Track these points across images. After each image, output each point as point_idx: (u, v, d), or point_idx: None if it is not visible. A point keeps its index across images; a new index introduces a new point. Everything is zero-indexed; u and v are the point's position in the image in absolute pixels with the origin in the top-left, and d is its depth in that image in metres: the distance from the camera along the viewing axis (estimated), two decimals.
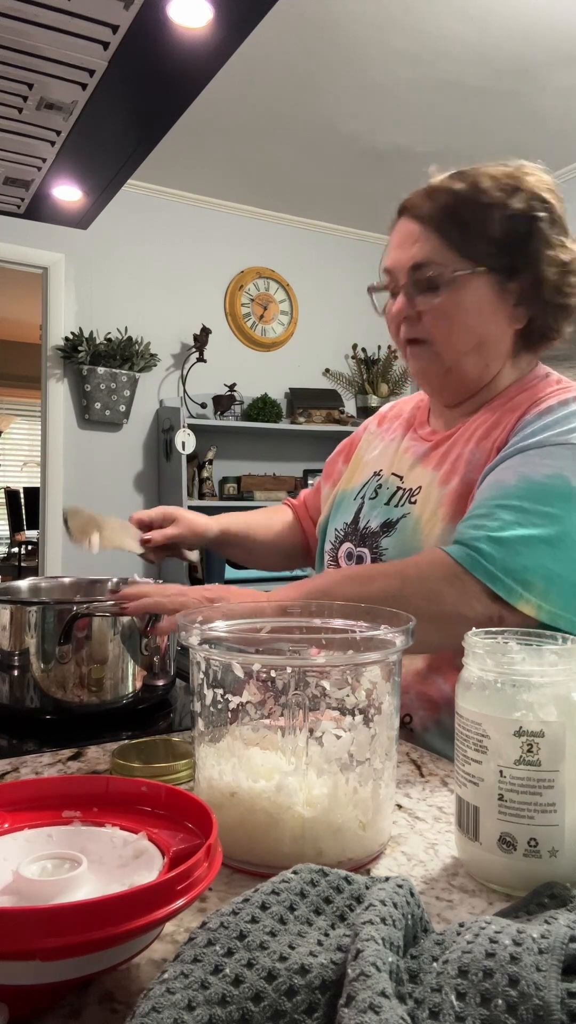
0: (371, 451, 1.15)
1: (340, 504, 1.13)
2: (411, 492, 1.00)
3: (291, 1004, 0.33)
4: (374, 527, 1.02)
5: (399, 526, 0.98)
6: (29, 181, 1.69)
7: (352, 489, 1.12)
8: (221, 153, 3.70)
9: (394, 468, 1.06)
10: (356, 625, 0.70)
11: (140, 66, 1.27)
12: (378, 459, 1.12)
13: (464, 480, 0.92)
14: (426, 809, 0.66)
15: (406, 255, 0.95)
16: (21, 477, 7.57)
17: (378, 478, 1.08)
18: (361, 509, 1.07)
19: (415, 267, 0.94)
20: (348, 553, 1.06)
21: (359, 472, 1.15)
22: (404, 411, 1.16)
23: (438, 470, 0.97)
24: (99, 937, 0.35)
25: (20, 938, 0.34)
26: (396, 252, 0.97)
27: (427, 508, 0.95)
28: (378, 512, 1.03)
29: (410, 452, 1.05)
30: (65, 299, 3.83)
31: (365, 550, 1.02)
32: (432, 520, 0.93)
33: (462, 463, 0.94)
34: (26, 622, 0.91)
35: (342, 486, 1.16)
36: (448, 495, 0.93)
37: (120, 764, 0.69)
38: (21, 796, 0.52)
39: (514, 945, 0.35)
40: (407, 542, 0.95)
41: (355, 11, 2.68)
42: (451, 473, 0.95)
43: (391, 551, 0.97)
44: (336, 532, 1.10)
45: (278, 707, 0.55)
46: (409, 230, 0.95)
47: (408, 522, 0.97)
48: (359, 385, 4.64)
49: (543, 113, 3.27)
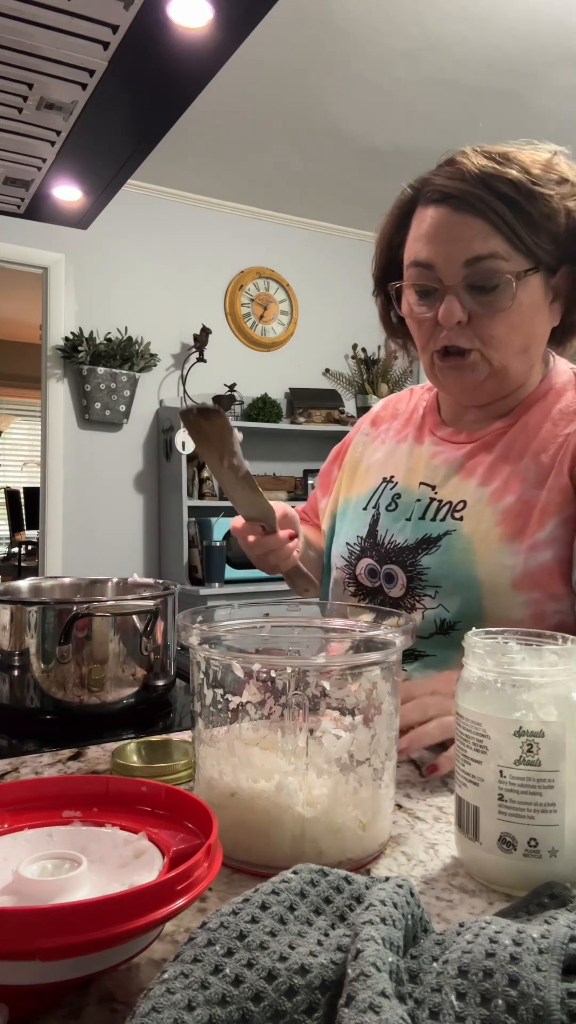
0: (372, 454, 1.07)
1: (345, 514, 1.05)
2: (452, 506, 0.92)
3: (291, 1004, 0.33)
4: (403, 542, 0.94)
5: (443, 544, 0.90)
6: (29, 181, 1.69)
7: (359, 498, 1.04)
8: (221, 153, 3.70)
9: (421, 477, 0.97)
10: (356, 625, 0.70)
11: (140, 66, 1.27)
12: (385, 464, 1.03)
13: (521, 499, 0.86)
14: (426, 809, 0.66)
15: (459, 249, 0.83)
16: (21, 477, 7.57)
17: (391, 486, 1.00)
18: (377, 521, 0.99)
19: (471, 262, 0.83)
20: (370, 570, 0.98)
21: (362, 478, 1.06)
22: (402, 410, 1.09)
23: (485, 486, 0.90)
24: (99, 937, 0.35)
25: (20, 938, 0.34)
26: (441, 245, 0.84)
27: (480, 526, 0.88)
28: (405, 526, 0.95)
29: (440, 459, 0.96)
30: (65, 299, 3.83)
31: (395, 567, 0.94)
32: (487, 539, 0.86)
33: (517, 481, 0.87)
34: (26, 622, 0.91)
35: (343, 494, 1.08)
36: (503, 513, 0.86)
37: (120, 764, 0.69)
38: (21, 796, 0.52)
39: (514, 945, 0.35)
40: (457, 562, 0.88)
41: (355, 11, 2.68)
42: (503, 491, 0.88)
43: (435, 570, 0.89)
44: (349, 547, 1.02)
45: (278, 707, 0.55)
46: (457, 220, 0.83)
47: (455, 540, 0.89)
48: (359, 385, 4.64)
49: (543, 113, 3.27)
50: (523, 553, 0.84)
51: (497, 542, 0.85)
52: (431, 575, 0.90)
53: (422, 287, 0.88)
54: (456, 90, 3.17)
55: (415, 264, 0.88)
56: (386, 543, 0.96)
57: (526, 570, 0.83)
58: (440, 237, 0.85)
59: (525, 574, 0.83)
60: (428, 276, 0.87)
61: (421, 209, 0.88)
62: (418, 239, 0.88)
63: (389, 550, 0.95)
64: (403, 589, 0.93)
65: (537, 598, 0.83)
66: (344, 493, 1.08)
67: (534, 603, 0.83)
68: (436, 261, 0.85)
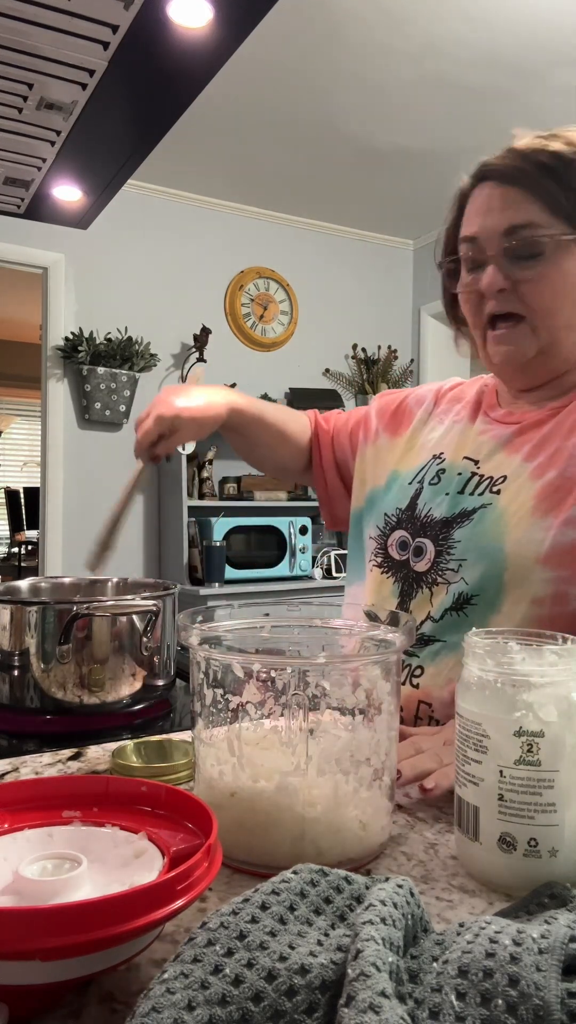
0: (430, 432, 1.06)
1: (391, 485, 1.04)
2: (492, 480, 0.90)
3: (291, 1004, 0.33)
4: (439, 515, 0.93)
5: (476, 516, 0.89)
6: (29, 181, 1.69)
7: (408, 472, 1.03)
8: (221, 153, 3.70)
9: (466, 451, 0.96)
10: (356, 625, 0.70)
11: (140, 66, 1.27)
12: (439, 442, 1.02)
13: (563, 474, 0.84)
14: (426, 809, 0.66)
15: (498, 219, 0.86)
16: (21, 477, 7.57)
17: (439, 462, 0.98)
18: (419, 495, 0.98)
19: (509, 231, 0.85)
20: (402, 542, 0.97)
21: (415, 453, 1.05)
22: (466, 394, 1.07)
23: (530, 461, 0.88)
24: (99, 937, 0.35)
25: (20, 938, 0.34)
26: (482, 218, 0.87)
27: (516, 500, 0.86)
28: (443, 500, 0.93)
29: (488, 435, 0.95)
30: (65, 299, 3.83)
31: (426, 540, 0.93)
32: (520, 512, 0.85)
33: (562, 457, 0.85)
34: (26, 622, 0.91)
35: (394, 464, 1.06)
36: (543, 488, 0.85)
37: (120, 764, 0.69)
38: (21, 796, 0.52)
39: (514, 945, 0.35)
40: (485, 534, 0.87)
41: (355, 11, 2.68)
42: (547, 466, 0.86)
43: (464, 543, 0.88)
44: (387, 517, 1.00)
45: (278, 707, 0.55)
46: (498, 193, 0.86)
47: (489, 513, 0.88)
48: (359, 385, 4.64)
49: (543, 113, 3.27)
50: (555, 528, 0.81)
51: (530, 515, 0.84)
52: (460, 548, 0.88)
53: (470, 260, 0.90)
54: (456, 90, 3.17)
55: (462, 240, 0.91)
56: (423, 516, 0.95)
57: (555, 545, 0.81)
58: (482, 210, 0.88)
59: (553, 549, 0.81)
60: (474, 249, 0.89)
61: (474, 191, 0.91)
62: (467, 217, 0.91)
63: (425, 523, 0.94)
64: (429, 563, 0.91)
65: (563, 576, 0.80)
66: (396, 465, 1.06)
67: (558, 582, 0.80)
68: (478, 233, 0.88)
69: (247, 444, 1.17)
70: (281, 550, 3.96)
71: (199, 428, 1.03)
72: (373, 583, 1.00)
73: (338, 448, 1.19)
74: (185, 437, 1.02)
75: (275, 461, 1.21)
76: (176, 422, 1.01)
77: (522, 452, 0.90)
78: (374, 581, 1.00)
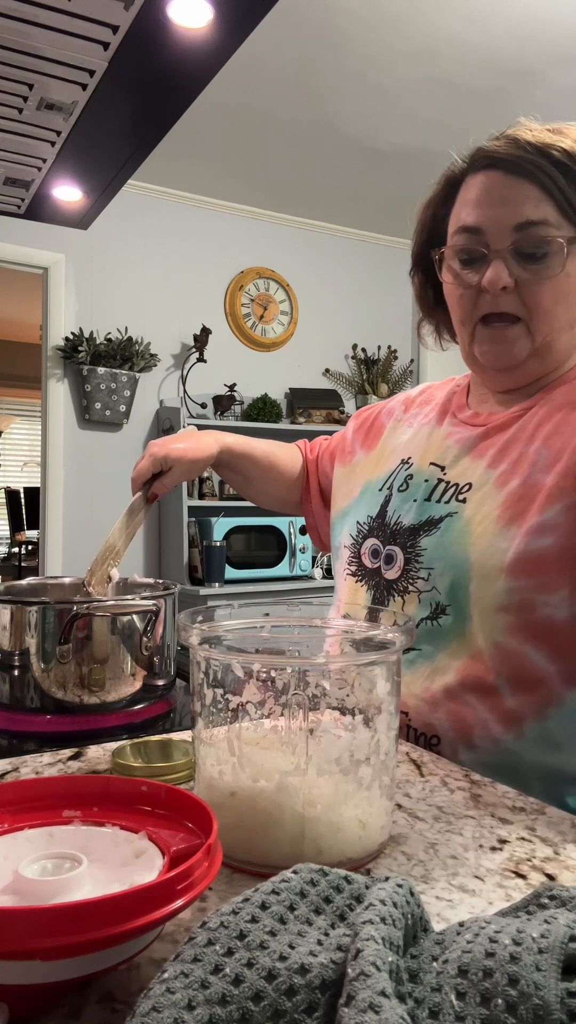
0: (398, 437, 1.06)
1: (364, 494, 1.05)
2: (458, 488, 0.89)
3: (291, 1004, 0.33)
4: (407, 523, 0.92)
5: (443, 525, 0.88)
6: (29, 181, 1.69)
7: (378, 479, 1.03)
8: (221, 153, 3.70)
9: (432, 457, 0.95)
10: (356, 625, 0.70)
11: (140, 66, 1.27)
12: (407, 446, 1.01)
13: (525, 482, 0.82)
14: (426, 809, 0.66)
15: (510, 212, 0.82)
16: (21, 477, 7.57)
17: (407, 467, 0.98)
18: (389, 502, 0.97)
19: (521, 227, 0.82)
20: (374, 550, 0.96)
21: (385, 460, 1.05)
22: (436, 396, 1.06)
23: (494, 468, 0.87)
24: (99, 937, 0.35)
25: (20, 938, 0.34)
26: (491, 209, 0.83)
27: (481, 509, 0.85)
28: (411, 507, 0.93)
29: (453, 439, 0.94)
30: (65, 299, 3.83)
31: (396, 548, 0.92)
32: (485, 522, 0.84)
33: (525, 463, 0.84)
34: (26, 622, 0.91)
35: (367, 475, 1.07)
36: (507, 497, 0.83)
37: (120, 764, 0.69)
38: (21, 796, 0.52)
39: (514, 945, 0.35)
40: (452, 544, 0.86)
41: (355, 11, 2.68)
42: (511, 473, 0.85)
43: (431, 551, 0.87)
44: (359, 525, 1.01)
45: (278, 707, 0.55)
46: (508, 183, 0.82)
47: (455, 522, 0.87)
48: (359, 385, 4.64)
49: (543, 113, 3.26)
50: (520, 537, 0.80)
51: (495, 524, 0.83)
52: (426, 557, 0.87)
53: (469, 252, 0.86)
54: (456, 90, 3.17)
55: (462, 230, 0.86)
56: (392, 524, 0.95)
57: (519, 554, 0.79)
58: (490, 200, 0.84)
59: (518, 558, 0.79)
60: (475, 241, 0.85)
61: (471, 177, 0.87)
62: (466, 204, 0.87)
63: (394, 531, 0.94)
64: (399, 571, 0.91)
65: (527, 585, 0.79)
66: (368, 475, 1.07)
67: (523, 590, 0.79)
68: (485, 225, 0.84)
69: (242, 480, 1.22)
70: (281, 550, 3.96)
71: (191, 465, 1.09)
72: (348, 591, 1.00)
73: (321, 474, 1.23)
74: (178, 474, 1.08)
75: (271, 494, 1.25)
76: (168, 460, 1.07)
77: (486, 458, 0.89)
78: (348, 589, 0.99)
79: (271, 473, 1.22)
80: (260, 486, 1.23)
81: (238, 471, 1.19)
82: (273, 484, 1.23)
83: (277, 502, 1.28)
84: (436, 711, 0.84)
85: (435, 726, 0.84)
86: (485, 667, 0.81)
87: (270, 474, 1.22)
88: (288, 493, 1.25)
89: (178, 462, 1.07)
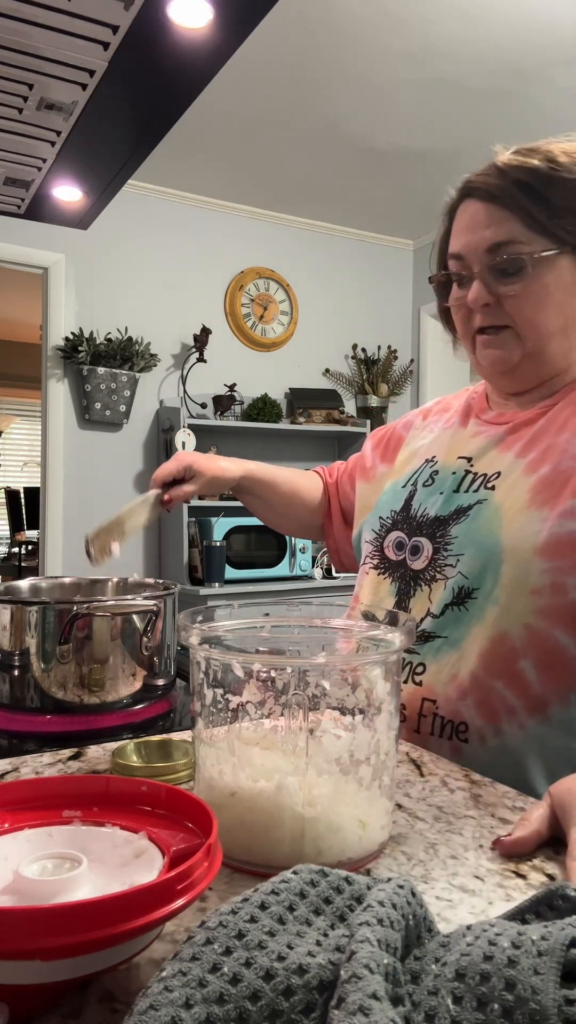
0: (419, 440, 1.09)
1: (386, 494, 1.07)
2: (486, 477, 0.92)
3: (288, 1004, 0.33)
4: (434, 514, 0.94)
5: (472, 512, 0.90)
6: (29, 181, 1.69)
7: (401, 479, 1.05)
8: (221, 153, 3.70)
9: (460, 452, 0.98)
10: (356, 624, 0.70)
11: (140, 66, 1.27)
12: (430, 447, 1.05)
13: (556, 468, 0.85)
14: (426, 809, 0.66)
15: (480, 237, 0.89)
16: (21, 477, 7.57)
17: (431, 464, 1.01)
18: (413, 496, 1.00)
19: (492, 249, 0.88)
20: (398, 543, 0.98)
21: (407, 463, 1.08)
22: (453, 404, 1.10)
23: (523, 457, 0.90)
24: (99, 937, 0.35)
25: (20, 938, 0.34)
26: (466, 236, 0.91)
27: (511, 494, 0.88)
28: (438, 499, 0.95)
29: (482, 436, 0.98)
30: (65, 299, 3.83)
31: (422, 539, 0.94)
32: (515, 506, 0.86)
33: (554, 453, 0.87)
34: (26, 622, 0.91)
35: (392, 478, 1.09)
36: (537, 482, 0.86)
37: (120, 764, 0.69)
38: (21, 796, 0.52)
39: (512, 948, 0.35)
40: (482, 529, 0.88)
41: (355, 11, 2.68)
42: (540, 461, 0.88)
43: (462, 538, 0.89)
44: (382, 520, 1.03)
45: (278, 707, 0.55)
46: (481, 210, 0.89)
47: (485, 509, 0.89)
48: (359, 385, 4.64)
49: (543, 113, 3.27)
50: (552, 519, 0.82)
51: (526, 508, 0.85)
52: (457, 544, 0.89)
53: (458, 276, 0.93)
54: (456, 90, 3.17)
55: (451, 257, 0.94)
56: (418, 516, 0.97)
57: (551, 536, 0.82)
58: (467, 227, 0.91)
59: (550, 540, 0.82)
60: (461, 265, 0.92)
61: (460, 207, 0.94)
62: (454, 233, 0.94)
63: (421, 523, 0.96)
64: (427, 561, 0.92)
65: (560, 567, 0.81)
66: (393, 477, 1.10)
67: (555, 572, 0.81)
68: (464, 251, 0.91)
69: (264, 506, 1.26)
70: (281, 550, 3.96)
71: (212, 481, 1.15)
72: (370, 584, 1.00)
73: (342, 495, 1.27)
74: (198, 486, 1.13)
75: (293, 518, 1.28)
76: (192, 470, 1.12)
77: (514, 449, 0.92)
78: (371, 583, 1.00)
79: (294, 499, 1.25)
80: (282, 511, 1.27)
81: (260, 496, 1.23)
82: (295, 509, 1.26)
83: (300, 527, 1.31)
84: (464, 700, 0.84)
85: (462, 713, 0.84)
86: (512, 651, 0.82)
87: (293, 500, 1.25)
88: (311, 517, 1.29)
89: (200, 474, 1.13)
